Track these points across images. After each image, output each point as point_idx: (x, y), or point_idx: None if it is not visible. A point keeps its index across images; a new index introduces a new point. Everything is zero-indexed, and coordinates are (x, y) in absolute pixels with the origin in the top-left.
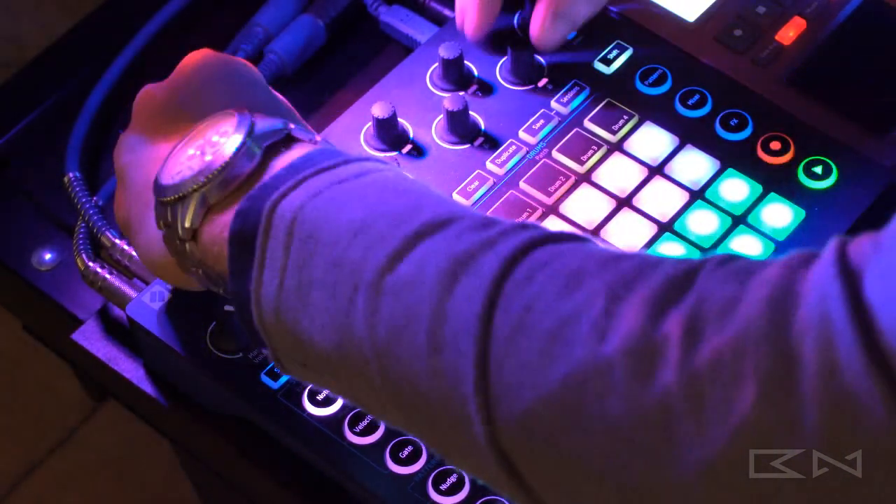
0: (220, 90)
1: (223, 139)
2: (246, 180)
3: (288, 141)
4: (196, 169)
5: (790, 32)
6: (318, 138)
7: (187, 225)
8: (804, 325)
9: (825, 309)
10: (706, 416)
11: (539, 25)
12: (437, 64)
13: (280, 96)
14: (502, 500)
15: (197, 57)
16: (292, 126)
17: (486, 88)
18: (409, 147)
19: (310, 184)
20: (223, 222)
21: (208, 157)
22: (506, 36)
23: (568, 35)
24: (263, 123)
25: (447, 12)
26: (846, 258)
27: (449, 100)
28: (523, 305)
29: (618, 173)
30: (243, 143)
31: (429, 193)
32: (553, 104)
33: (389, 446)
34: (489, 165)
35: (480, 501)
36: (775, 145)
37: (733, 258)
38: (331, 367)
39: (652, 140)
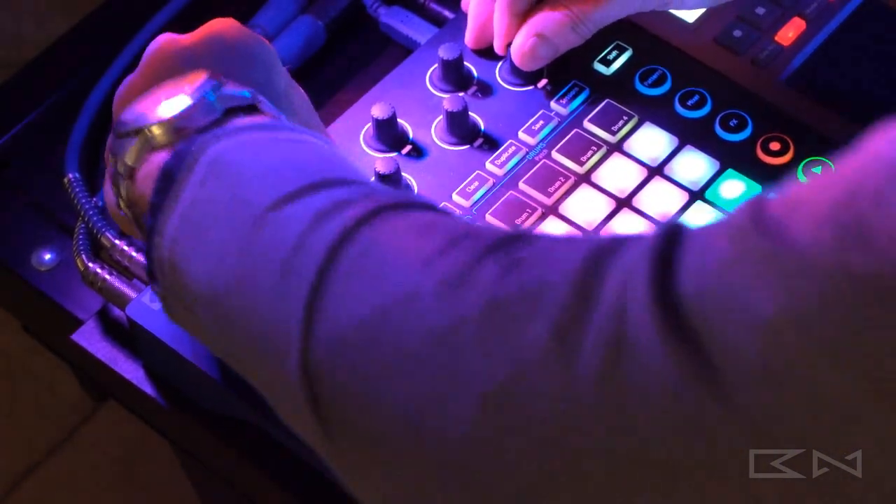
0: (228, 55)
1: (187, 91)
2: (195, 133)
3: (251, 110)
4: (153, 112)
5: (790, 33)
6: (286, 120)
7: (128, 162)
8: (613, 271)
9: (634, 261)
10: (493, 344)
11: (519, 47)
12: (436, 65)
13: (297, 87)
14: None
15: (223, 25)
16: (262, 99)
17: (486, 89)
18: (408, 148)
19: (246, 136)
20: (159, 161)
21: (165, 105)
22: None
23: (548, 59)
24: (232, 87)
25: (447, 13)
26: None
27: (449, 101)
28: (372, 240)
29: (617, 174)
30: (202, 98)
31: (350, 165)
32: (553, 105)
33: None
34: (489, 166)
35: None
36: (775, 145)
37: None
38: (210, 307)
39: (652, 140)
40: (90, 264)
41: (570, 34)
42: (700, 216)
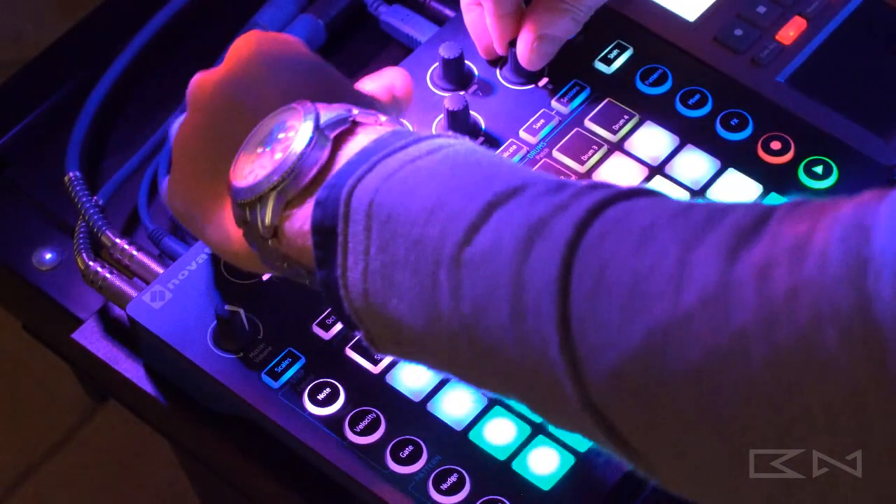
0: (277, 76)
1: (290, 134)
2: (319, 172)
3: (354, 127)
4: (269, 168)
5: (790, 32)
6: (382, 117)
7: (268, 223)
8: (878, 261)
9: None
10: (783, 353)
11: (526, 49)
12: (437, 63)
13: (330, 67)
14: (503, 500)
15: (250, 42)
16: (356, 111)
17: (487, 88)
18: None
19: (383, 166)
20: (303, 215)
21: (278, 155)
22: None
23: (554, 53)
24: (328, 113)
25: (447, 12)
26: None
27: (449, 99)
28: (598, 265)
29: (618, 173)
30: (312, 137)
31: (500, 163)
32: (553, 104)
33: (389, 446)
34: None
35: (480, 501)
36: (775, 145)
37: (806, 201)
38: (423, 344)
39: (652, 140)
40: (91, 263)
41: (569, 25)
42: None
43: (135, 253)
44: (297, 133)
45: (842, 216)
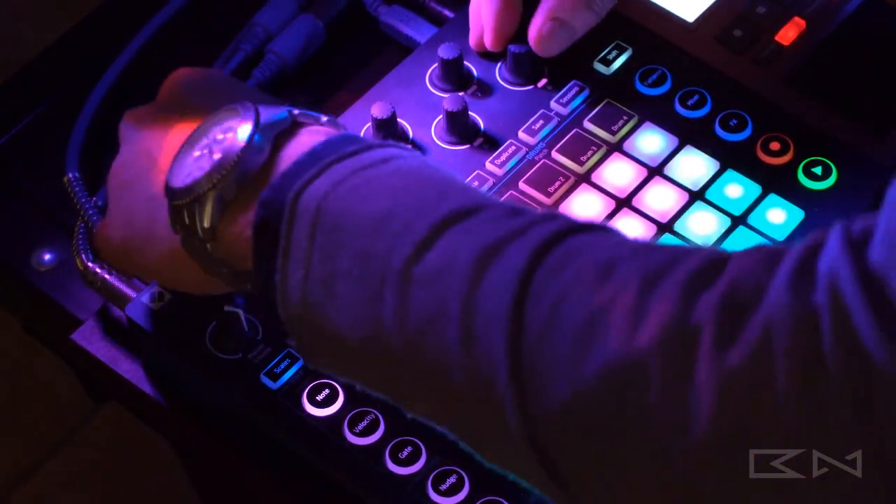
0: (209, 97)
1: (229, 134)
2: (260, 172)
3: (294, 127)
4: (207, 168)
5: (790, 32)
6: (324, 118)
7: (206, 224)
8: (822, 305)
9: (836, 284)
10: (743, 421)
11: (537, 32)
12: (436, 64)
13: (254, 88)
14: (502, 500)
15: (178, 74)
16: (296, 111)
17: (486, 89)
18: (408, 147)
19: (333, 171)
20: (245, 218)
21: (217, 155)
22: None
23: (567, 45)
24: (268, 112)
25: (447, 12)
26: (850, 232)
27: (448, 100)
28: (555, 296)
29: (617, 174)
30: (252, 135)
31: (453, 181)
32: (552, 104)
33: (389, 447)
34: (489, 166)
35: (480, 501)
36: (775, 145)
37: (763, 246)
38: (359, 359)
39: (651, 140)
40: (90, 264)
41: (587, 13)
42: (699, 218)
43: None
44: (236, 133)
45: (792, 264)
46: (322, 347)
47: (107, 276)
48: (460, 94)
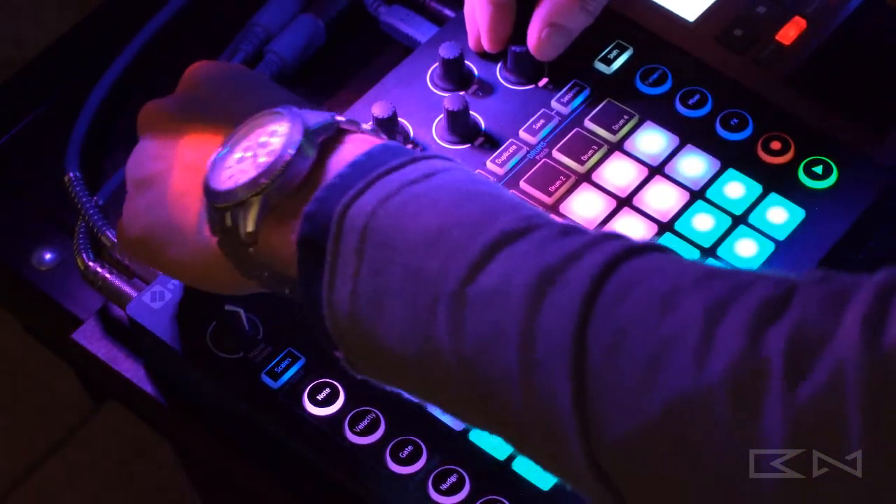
0: (234, 93)
1: (274, 139)
2: (305, 179)
3: (339, 134)
4: (253, 172)
5: (790, 32)
6: (365, 125)
7: (249, 229)
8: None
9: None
10: (815, 456)
11: (536, 39)
12: (437, 64)
13: (280, 86)
14: (503, 500)
15: (198, 67)
16: (340, 118)
17: (487, 88)
18: (409, 147)
19: (379, 186)
20: (290, 225)
21: (262, 159)
22: None
23: (565, 47)
24: (314, 118)
25: (447, 12)
26: None
27: (449, 99)
28: (617, 327)
29: (618, 173)
30: (300, 142)
31: (500, 195)
32: (553, 104)
33: (389, 446)
34: (489, 165)
35: (480, 501)
36: (775, 145)
37: (829, 276)
38: (409, 372)
39: (652, 140)
40: (90, 263)
41: (581, 15)
42: (700, 217)
43: None
44: (283, 137)
45: (863, 308)
46: (370, 360)
47: (107, 276)
48: (461, 93)
